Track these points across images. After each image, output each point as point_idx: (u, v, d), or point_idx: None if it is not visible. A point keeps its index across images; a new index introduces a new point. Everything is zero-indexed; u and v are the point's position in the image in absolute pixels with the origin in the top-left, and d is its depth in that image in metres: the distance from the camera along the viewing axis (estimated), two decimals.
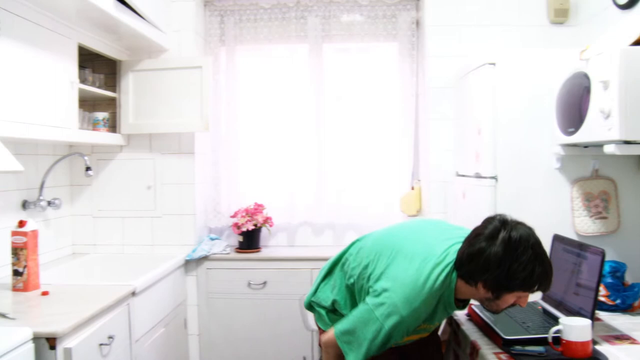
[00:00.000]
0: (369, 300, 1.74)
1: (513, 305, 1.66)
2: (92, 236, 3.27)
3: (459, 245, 1.70)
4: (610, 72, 1.80)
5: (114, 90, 3.11)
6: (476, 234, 1.65)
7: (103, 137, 3.01)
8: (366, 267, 1.84)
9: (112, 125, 3.15)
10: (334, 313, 1.99)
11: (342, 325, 1.80)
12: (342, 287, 1.95)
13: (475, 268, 1.60)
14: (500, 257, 1.56)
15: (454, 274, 1.68)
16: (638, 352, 1.73)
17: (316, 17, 3.40)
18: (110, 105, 3.15)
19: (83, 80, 2.80)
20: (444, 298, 1.71)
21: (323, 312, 2.01)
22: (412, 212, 3.43)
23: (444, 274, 1.66)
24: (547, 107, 2.27)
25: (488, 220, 1.68)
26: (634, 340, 1.84)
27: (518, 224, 1.64)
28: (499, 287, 1.60)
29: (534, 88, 2.32)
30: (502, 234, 1.59)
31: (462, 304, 1.83)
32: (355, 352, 1.74)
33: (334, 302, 1.96)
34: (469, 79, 2.65)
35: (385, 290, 1.70)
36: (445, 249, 1.72)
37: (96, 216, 3.26)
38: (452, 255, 1.69)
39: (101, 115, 3.02)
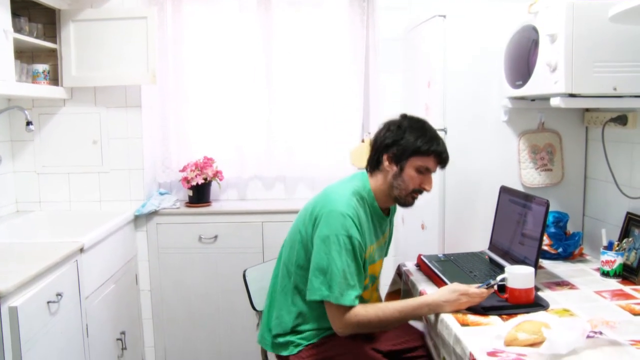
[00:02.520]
0: (315, 245, 1.82)
1: (421, 191, 1.90)
2: (37, 193, 3.17)
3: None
4: (557, 25, 1.82)
5: (53, 41, 2.97)
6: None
7: (44, 90, 2.88)
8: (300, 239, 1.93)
9: (54, 78, 3.02)
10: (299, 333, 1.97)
11: (314, 281, 1.80)
12: (296, 292, 1.95)
13: (380, 146, 1.91)
14: (397, 125, 1.90)
15: (364, 175, 1.97)
16: (576, 297, 1.82)
17: None
18: (51, 57, 3.01)
19: (18, 29, 2.65)
20: (368, 203, 1.91)
21: (295, 338, 1.95)
22: (362, 165, 3.42)
23: (356, 176, 1.98)
24: (496, 60, 2.28)
25: None
26: (573, 285, 1.92)
27: None
28: (400, 154, 1.86)
29: (484, 41, 2.33)
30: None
31: (387, 211, 2.02)
32: (340, 288, 1.76)
33: (298, 314, 1.94)
34: (419, 31, 2.63)
35: (323, 231, 1.81)
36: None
37: (40, 172, 3.16)
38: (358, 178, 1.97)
39: (41, 67, 2.89)
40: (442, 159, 1.89)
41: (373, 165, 1.95)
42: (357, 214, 1.83)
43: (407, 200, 1.92)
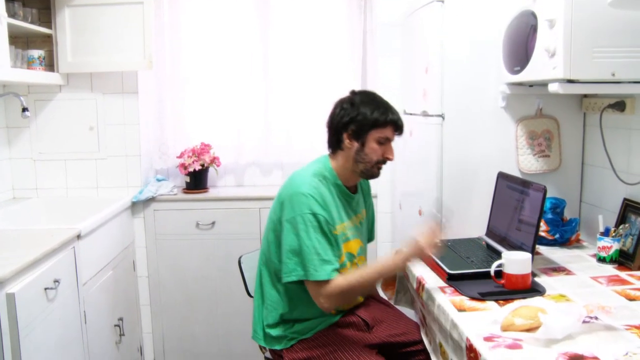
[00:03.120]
0: (284, 228, 1.87)
1: (385, 161, 1.94)
2: (34, 180, 3.16)
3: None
4: (556, 10, 1.80)
5: (48, 27, 2.94)
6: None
7: (39, 76, 2.86)
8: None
9: (50, 64, 3.00)
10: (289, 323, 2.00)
11: (288, 264, 1.83)
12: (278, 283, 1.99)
13: (337, 126, 1.94)
14: (349, 102, 1.94)
15: (325, 157, 2.02)
16: (572, 282, 1.82)
17: None
18: (46, 42, 2.99)
19: (12, 14, 2.62)
20: (331, 182, 1.95)
21: (288, 332, 1.99)
22: None
23: (318, 159, 2.04)
24: (494, 46, 2.27)
25: None
26: (569, 271, 1.93)
27: None
28: (359, 130, 1.90)
29: (482, 26, 2.31)
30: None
31: (354, 189, 2.04)
32: (314, 264, 1.79)
33: (284, 301, 1.98)
34: (417, 16, 2.62)
35: (289, 213, 1.86)
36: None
37: (37, 159, 3.15)
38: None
39: (36, 53, 2.87)
40: (398, 127, 1.95)
41: (333, 145, 2.00)
42: (319, 193, 1.87)
43: (374, 171, 1.98)
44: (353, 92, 2.01)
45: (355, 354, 1.88)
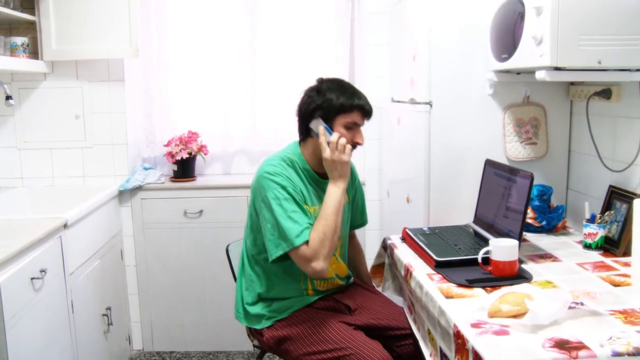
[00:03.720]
0: (260, 210, 1.92)
1: (354, 145, 1.96)
2: (18, 169, 3.13)
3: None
4: None
5: (32, 13, 2.90)
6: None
7: (23, 63, 2.82)
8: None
9: (34, 52, 2.96)
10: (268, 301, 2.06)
11: (272, 240, 1.87)
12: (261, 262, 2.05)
13: (305, 114, 1.97)
14: (316, 90, 1.97)
15: (295, 144, 2.05)
16: (558, 269, 1.84)
17: None
18: (30, 29, 2.94)
19: None
20: (300, 166, 1.99)
21: (266, 311, 2.04)
22: None
23: (288, 146, 2.06)
24: (482, 33, 2.27)
25: None
26: (556, 258, 1.95)
27: None
28: (326, 116, 1.92)
29: (469, 14, 2.31)
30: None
31: (325, 175, 2.00)
32: (293, 233, 1.82)
33: (261, 280, 2.05)
34: (405, 4, 2.61)
35: (261, 194, 1.91)
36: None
37: (22, 148, 3.12)
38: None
39: (20, 40, 2.83)
40: (366, 112, 1.96)
41: (303, 133, 2.02)
42: (285, 172, 1.92)
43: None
44: (320, 80, 2.03)
45: (335, 328, 1.90)
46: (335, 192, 1.90)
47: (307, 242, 1.82)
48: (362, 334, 1.92)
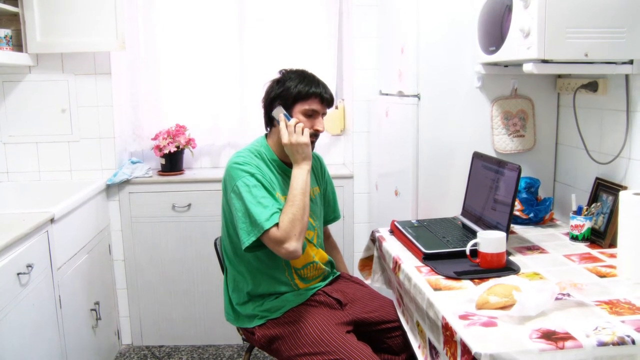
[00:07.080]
0: (231, 200, 1.91)
1: (316, 134, 2.00)
2: (4, 163, 3.09)
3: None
4: None
5: (15, 5, 2.85)
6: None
7: (7, 56, 2.78)
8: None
9: (18, 44, 2.92)
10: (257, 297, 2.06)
11: (243, 229, 1.86)
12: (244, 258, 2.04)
13: (267, 104, 2.02)
14: (277, 80, 2.03)
15: (262, 137, 2.10)
16: (546, 260, 1.85)
17: None
18: (13, 21, 2.90)
19: None
20: (267, 157, 2.01)
21: (258, 310, 2.03)
22: (337, 132, 3.44)
23: (256, 140, 2.10)
24: (470, 26, 2.27)
25: None
26: (543, 250, 1.96)
27: None
28: (285, 104, 1.96)
29: (458, 6, 2.31)
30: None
31: (290, 165, 2.00)
32: (263, 217, 1.82)
33: (246, 275, 2.04)
34: None
35: (230, 185, 1.92)
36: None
37: (7, 142, 3.08)
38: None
39: (2, 32, 2.79)
40: (324, 99, 1.99)
41: (268, 124, 2.07)
42: (252, 162, 1.94)
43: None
44: (282, 71, 2.06)
45: (326, 331, 1.90)
46: (299, 174, 1.92)
47: (277, 225, 1.82)
48: (353, 338, 1.91)
